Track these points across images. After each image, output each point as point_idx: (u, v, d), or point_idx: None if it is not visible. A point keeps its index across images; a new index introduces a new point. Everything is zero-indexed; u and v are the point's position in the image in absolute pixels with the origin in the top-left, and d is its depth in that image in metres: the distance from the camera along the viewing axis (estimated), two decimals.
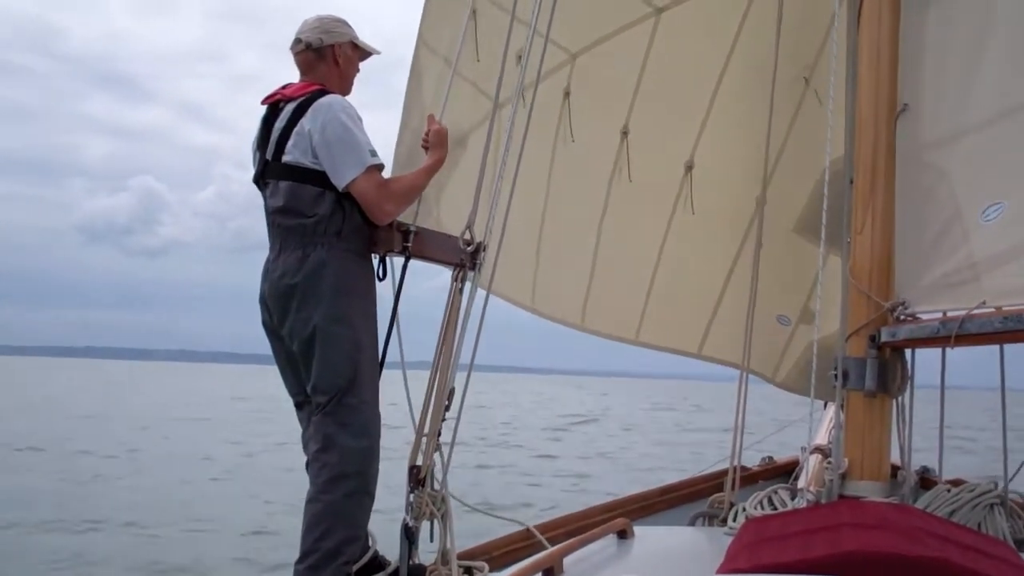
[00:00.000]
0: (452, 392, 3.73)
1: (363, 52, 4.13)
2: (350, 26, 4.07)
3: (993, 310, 3.04)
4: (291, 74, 4.09)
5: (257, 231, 3.86)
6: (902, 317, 3.37)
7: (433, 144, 3.97)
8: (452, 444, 3.74)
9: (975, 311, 3.07)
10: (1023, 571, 2.38)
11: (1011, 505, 3.40)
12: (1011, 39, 3.22)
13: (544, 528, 4.33)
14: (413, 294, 3.97)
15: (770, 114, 4.63)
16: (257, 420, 28.84)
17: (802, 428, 4.84)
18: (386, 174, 3.86)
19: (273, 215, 3.82)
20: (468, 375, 3.75)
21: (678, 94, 5.55)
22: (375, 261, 3.89)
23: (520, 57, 4.00)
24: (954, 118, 3.35)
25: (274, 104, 3.91)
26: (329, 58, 3.98)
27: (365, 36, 4.10)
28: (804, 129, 5.37)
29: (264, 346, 3.94)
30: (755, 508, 3.56)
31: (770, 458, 5.50)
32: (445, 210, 4.39)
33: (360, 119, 3.78)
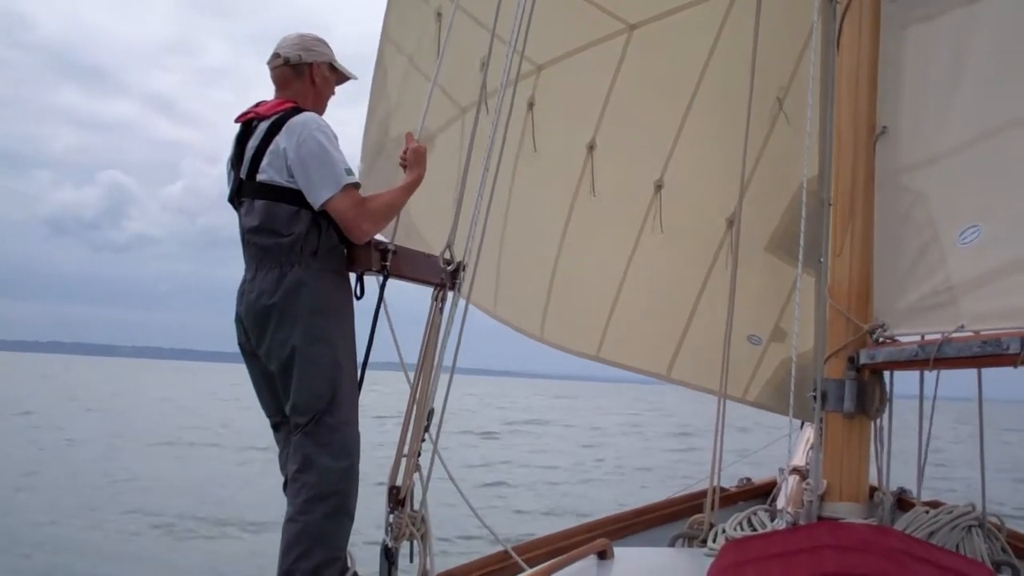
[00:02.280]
0: (432, 412, 3.70)
1: (340, 75, 4.09)
2: (329, 48, 4.04)
3: (971, 334, 3.06)
4: (261, 69, 4.04)
5: (226, 228, 3.81)
6: (881, 339, 3.39)
7: (411, 163, 3.93)
8: (432, 464, 3.70)
9: (953, 335, 3.10)
10: None
11: (989, 527, 3.42)
12: (989, 62, 3.26)
13: (522, 549, 4.30)
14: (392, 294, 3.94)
15: (746, 134, 4.64)
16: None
17: (775, 448, 4.90)
18: (353, 165, 3.82)
19: (248, 234, 3.75)
20: (447, 394, 3.71)
21: (649, 112, 5.55)
22: (352, 280, 3.85)
23: (484, 64, 3.98)
24: (932, 141, 3.38)
25: (247, 122, 3.85)
26: (306, 76, 3.93)
27: (339, 34, 4.06)
28: (776, 149, 5.40)
29: (232, 344, 3.89)
30: (735, 529, 3.56)
31: (748, 479, 5.50)
32: (415, 208, 4.35)
33: (336, 137, 3.73)
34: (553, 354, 6.25)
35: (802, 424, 5.33)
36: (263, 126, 3.74)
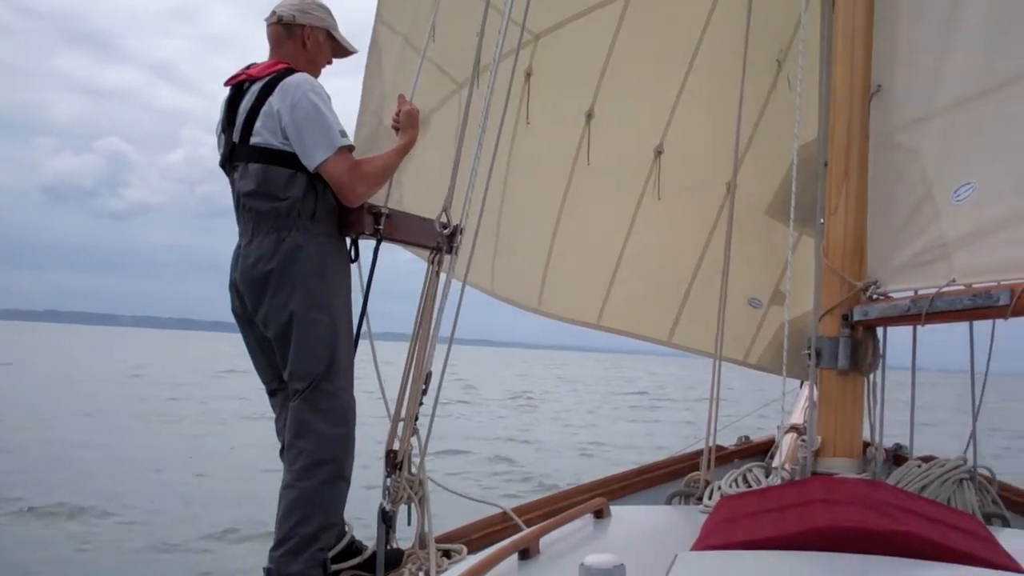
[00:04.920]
0: (429, 376, 3.71)
1: (338, 47, 4.07)
2: (331, 16, 4.01)
3: (963, 287, 3.09)
4: (265, 38, 4.02)
5: (226, 196, 3.81)
6: (874, 296, 3.41)
7: (404, 125, 3.92)
8: (430, 428, 3.73)
9: (945, 289, 3.12)
10: (991, 544, 2.41)
11: (980, 480, 3.45)
12: (983, 20, 3.25)
13: (522, 511, 4.35)
14: (383, 265, 3.95)
15: (740, 97, 4.64)
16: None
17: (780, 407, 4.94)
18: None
19: (244, 199, 3.73)
20: (445, 360, 3.74)
21: (647, 78, 5.55)
22: (347, 243, 3.86)
23: (479, 37, 3.98)
24: (926, 99, 3.38)
25: (238, 85, 3.83)
26: (298, 37, 3.90)
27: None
28: (777, 112, 5.40)
29: (229, 313, 3.90)
30: (730, 486, 3.59)
31: (746, 437, 5.54)
32: (408, 191, 4.37)
33: (329, 98, 3.71)
34: (543, 323, 6.26)
35: (801, 383, 5.38)
36: (255, 88, 3.72)
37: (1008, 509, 3.60)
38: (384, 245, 3.88)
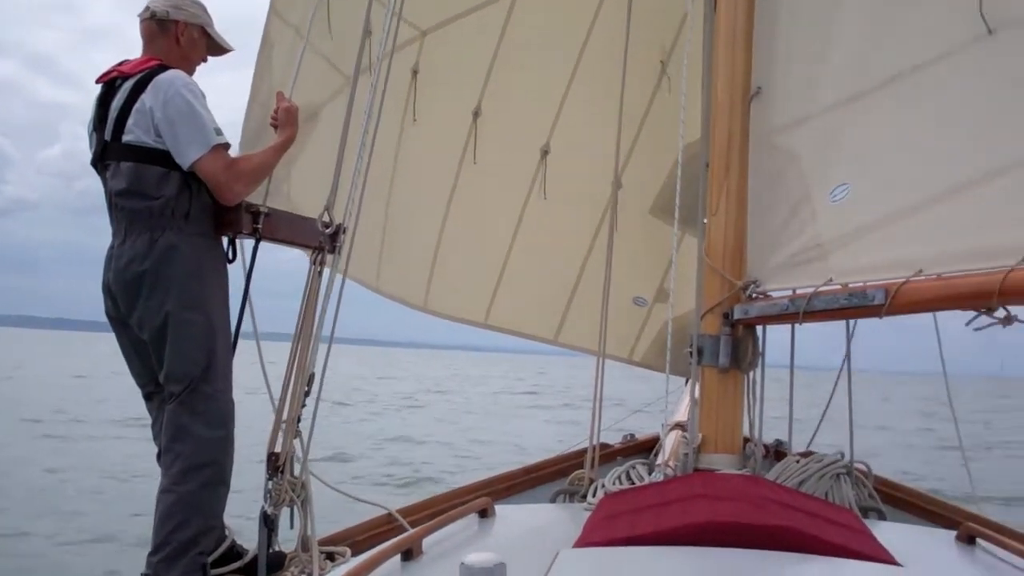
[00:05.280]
0: (312, 377, 3.66)
1: (214, 44, 3.99)
2: (206, 12, 3.92)
3: (840, 287, 3.16)
4: None
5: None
6: (754, 295, 3.48)
7: (283, 122, 3.85)
8: (312, 429, 3.68)
9: (823, 288, 3.19)
10: (866, 537, 2.46)
11: (856, 475, 3.54)
12: (859, 25, 3.35)
13: (407, 512, 4.32)
14: (267, 262, 3.88)
15: (621, 98, 4.69)
16: None
17: (671, 406, 5.00)
18: (234, 150, 3.74)
19: (116, 198, 3.63)
20: (326, 359, 3.69)
21: (534, 77, 5.58)
22: (224, 243, 3.78)
23: (371, 32, 3.94)
24: (805, 101, 3.46)
25: (110, 82, 3.72)
26: (171, 33, 3.81)
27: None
28: (661, 113, 5.47)
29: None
30: (613, 483, 3.62)
31: (632, 435, 5.60)
32: (296, 186, 4.31)
33: (203, 95, 3.63)
34: (433, 323, 6.25)
35: (686, 381, 5.46)
36: (127, 85, 3.62)
37: (884, 503, 3.71)
38: (266, 244, 3.81)
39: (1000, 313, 2.64)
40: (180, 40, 3.83)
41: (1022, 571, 2.32)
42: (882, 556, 2.27)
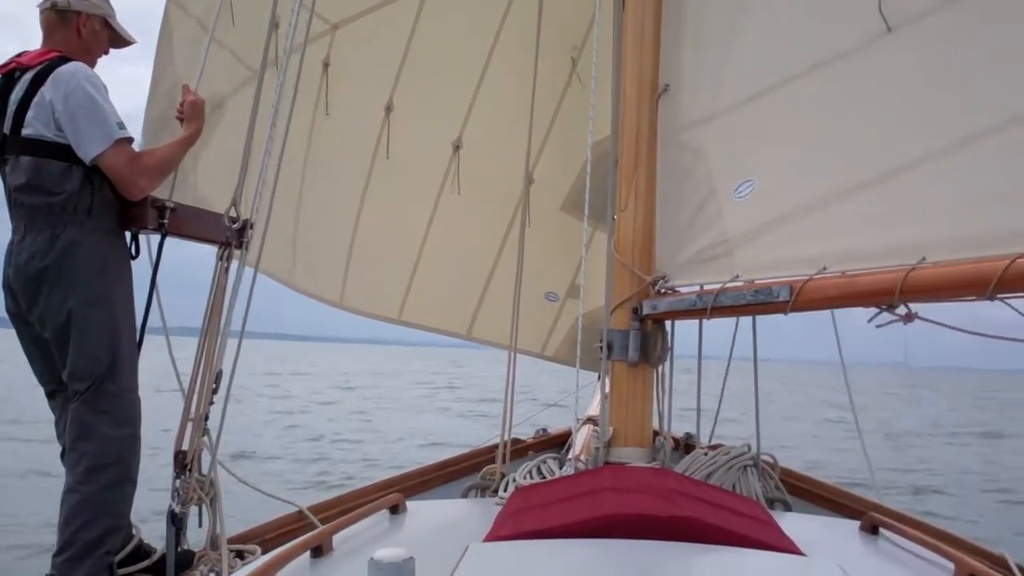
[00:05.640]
0: (220, 374, 3.63)
1: (117, 36, 3.92)
2: (109, 3, 3.85)
3: (746, 284, 3.21)
4: None
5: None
6: (663, 290, 3.53)
7: (188, 116, 3.80)
8: (220, 427, 3.64)
9: (729, 285, 3.24)
10: (771, 528, 2.50)
11: (763, 467, 3.61)
12: (762, 24, 3.40)
13: (317, 509, 4.29)
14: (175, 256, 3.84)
15: (533, 94, 4.71)
16: None
17: (585, 400, 5.04)
18: (136, 139, 3.69)
19: (15, 193, 3.55)
20: (236, 356, 3.65)
21: (446, 72, 5.58)
22: (128, 239, 3.72)
23: (278, 25, 3.89)
24: (711, 99, 3.51)
25: (8, 74, 3.64)
26: (72, 25, 3.74)
27: None
28: (572, 109, 5.51)
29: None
30: (524, 478, 3.64)
31: (544, 430, 5.63)
32: (203, 179, 4.24)
33: (106, 88, 3.56)
34: (347, 316, 6.21)
35: (598, 376, 5.51)
36: (27, 77, 3.54)
37: (790, 494, 3.77)
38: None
39: (901, 310, 2.71)
40: (82, 31, 3.76)
41: (923, 559, 2.39)
42: (787, 546, 2.31)
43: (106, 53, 3.91)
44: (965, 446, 21.78)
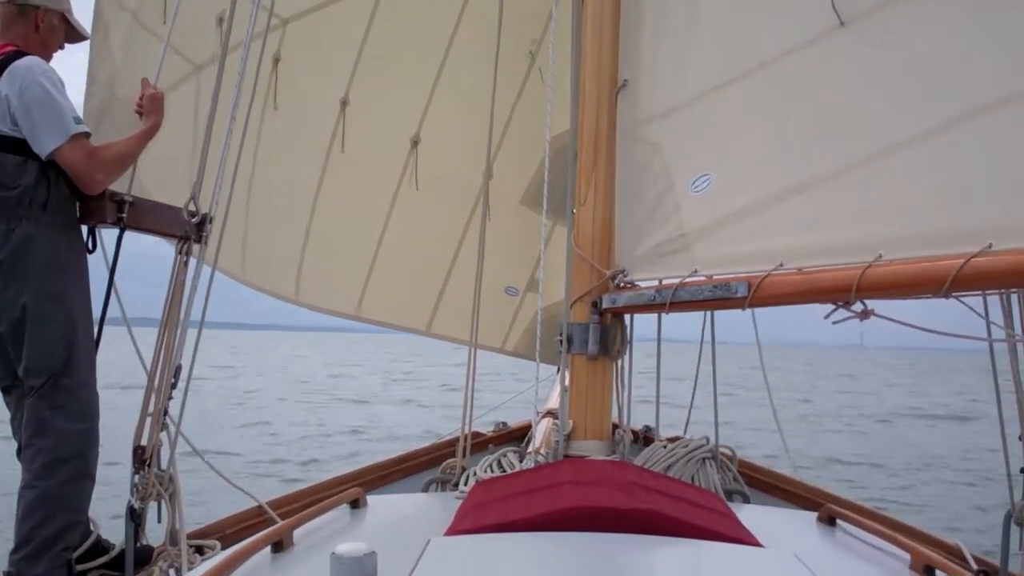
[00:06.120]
0: (179, 369, 3.62)
1: (73, 31, 3.90)
2: None
3: (704, 278, 3.23)
4: None
5: None
6: (622, 284, 3.54)
7: (148, 110, 3.78)
8: (179, 422, 3.62)
9: (688, 279, 3.26)
10: (729, 520, 2.53)
11: (721, 459, 3.64)
12: (718, 21, 3.43)
13: (277, 504, 4.29)
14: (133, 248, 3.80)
15: (494, 88, 4.71)
16: None
17: (545, 393, 5.06)
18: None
19: None
20: (195, 349, 3.63)
21: (403, 66, 5.58)
22: (85, 233, 3.69)
23: (222, 20, 3.87)
24: (669, 94, 3.53)
25: None
26: (31, 19, 3.72)
27: None
28: (530, 104, 5.52)
29: None
30: (484, 471, 3.64)
31: (504, 424, 5.64)
32: (145, 173, 4.21)
33: (62, 83, 3.55)
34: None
35: (558, 369, 5.53)
36: None
37: (748, 486, 3.81)
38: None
39: (858, 307, 2.73)
40: (40, 26, 3.74)
41: (879, 550, 2.42)
42: (745, 538, 2.34)
43: (61, 48, 3.88)
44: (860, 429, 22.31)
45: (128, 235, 3.73)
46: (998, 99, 2.54)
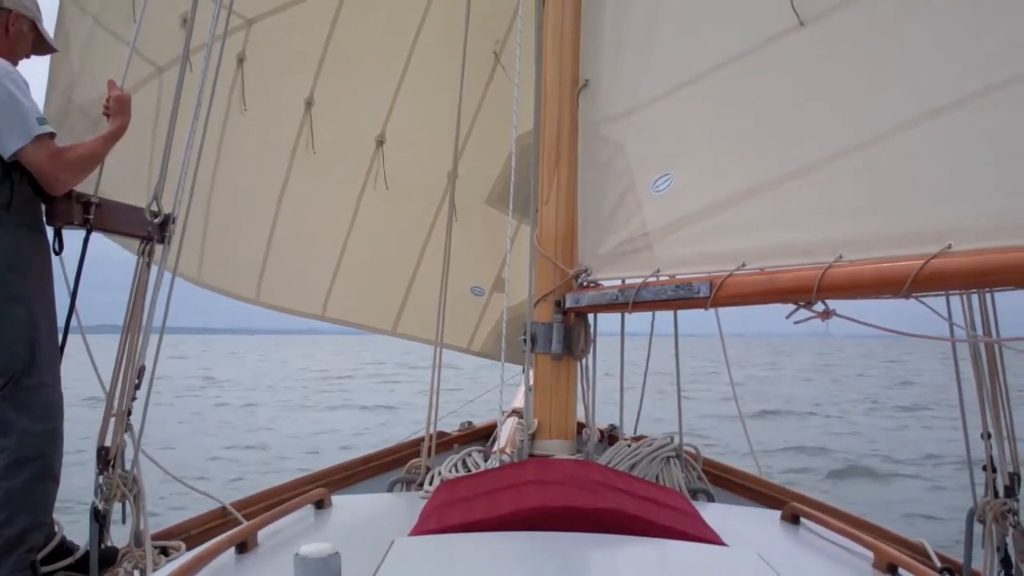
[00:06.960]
0: (143, 370, 3.60)
1: (41, 40, 3.86)
2: (39, 8, 3.79)
3: (667, 278, 3.25)
4: None
5: None
6: (585, 284, 3.55)
7: (115, 111, 3.75)
8: (143, 423, 3.61)
9: (650, 280, 3.27)
10: (694, 518, 2.54)
11: (686, 457, 3.65)
12: (679, 21, 3.44)
13: (242, 505, 4.28)
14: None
15: (461, 87, 4.71)
16: None
17: (512, 393, 5.06)
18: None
19: None
20: (158, 351, 3.62)
21: (368, 67, 5.56)
22: (50, 234, 3.66)
23: (185, 20, 3.85)
24: (630, 93, 3.54)
25: None
26: (1, 22, 3.66)
27: None
28: (495, 104, 5.52)
29: None
30: (449, 471, 3.65)
31: (469, 423, 5.64)
32: (104, 172, 4.20)
33: (27, 84, 3.50)
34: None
35: (523, 368, 5.54)
36: None
37: (713, 484, 3.83)
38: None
39: (819, 307, 2.75)
40: (10, 30, 3.69)
41: (842, 548, 2.44)
42: (709, 536, 2.35)
43: (28, 56, 3.84)
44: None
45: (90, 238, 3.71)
46: (956, 99, 2.56)
